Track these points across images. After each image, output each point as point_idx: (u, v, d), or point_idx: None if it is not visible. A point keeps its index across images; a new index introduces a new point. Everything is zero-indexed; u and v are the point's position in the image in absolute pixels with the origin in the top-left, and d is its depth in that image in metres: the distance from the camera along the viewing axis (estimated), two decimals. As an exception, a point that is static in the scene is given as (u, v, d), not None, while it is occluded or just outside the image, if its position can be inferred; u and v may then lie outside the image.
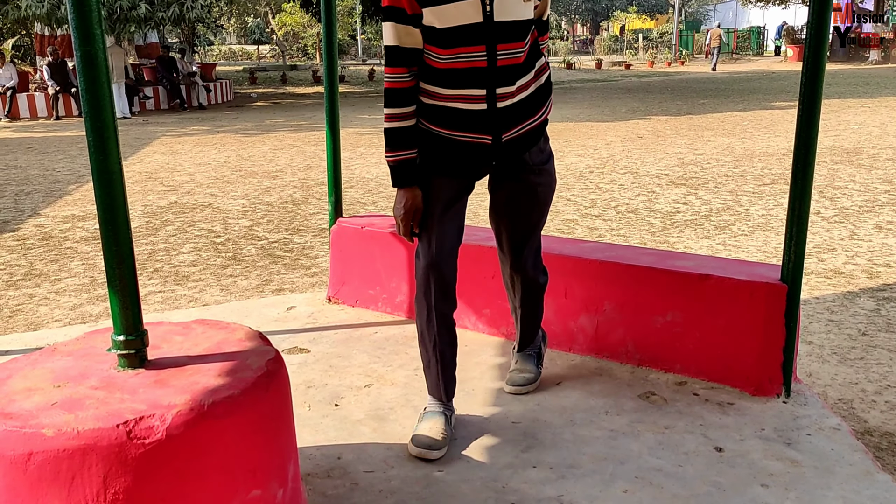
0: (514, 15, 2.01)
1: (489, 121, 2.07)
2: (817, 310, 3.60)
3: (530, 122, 2.16)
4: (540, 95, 2.19)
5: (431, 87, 2.09)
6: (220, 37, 48.04)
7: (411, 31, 2.00)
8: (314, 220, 5.79)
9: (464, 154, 2.13)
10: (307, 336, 2.93)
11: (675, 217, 5.54)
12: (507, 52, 2.02)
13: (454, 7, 1.95)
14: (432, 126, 2.13)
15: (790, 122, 11.01)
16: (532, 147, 2.20)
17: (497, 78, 2.03)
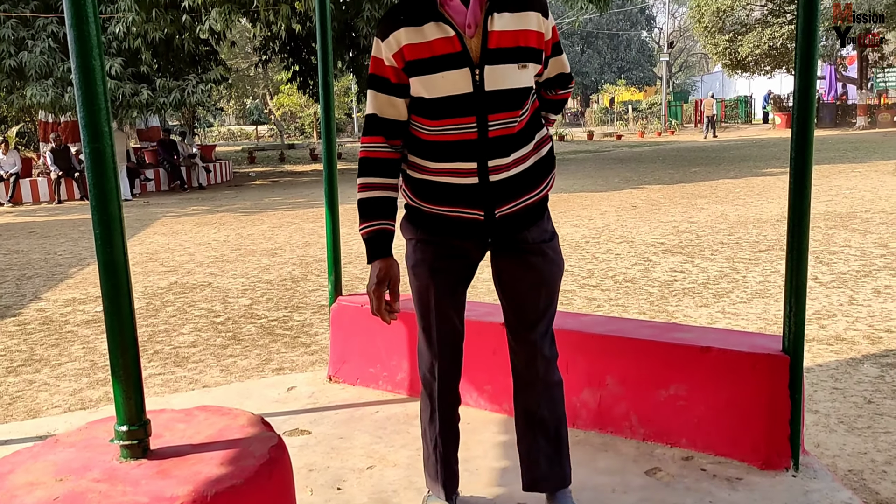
0: (507, 83, 1.89)
1: (481, 195, 1.94)
2: (821, 378, 3.58)
3: (529, 198, 2.00)
4: (540, 169, 2.03)
5: (419, 161, 1.99)
6: (220, 118, 49.08)
7: (394, 101, 1.93)
8: (313, 297, 5.80)
9: (456, 231, 2.01)
10: (308, 417, 2.91)
11: (673, 285, 5.57)
12: (500, 123, 1.90)
13: (442, 77, 1.85)
14: (422, 202, 2.02)
15: (782, 188, 11.17)
16: (531, 225, 2.04)
17: (489, 150, 1.91)
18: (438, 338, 2.07)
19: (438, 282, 2.03)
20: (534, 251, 2.06)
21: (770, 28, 28.47)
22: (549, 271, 2.09)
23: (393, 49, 1.87)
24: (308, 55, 19.58)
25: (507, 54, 1.88)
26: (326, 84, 3.18)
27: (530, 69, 1.93)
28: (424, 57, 1.85)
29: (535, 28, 1.92)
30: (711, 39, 30.70)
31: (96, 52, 1.43)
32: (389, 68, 1.89)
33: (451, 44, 1.85)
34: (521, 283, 2.09)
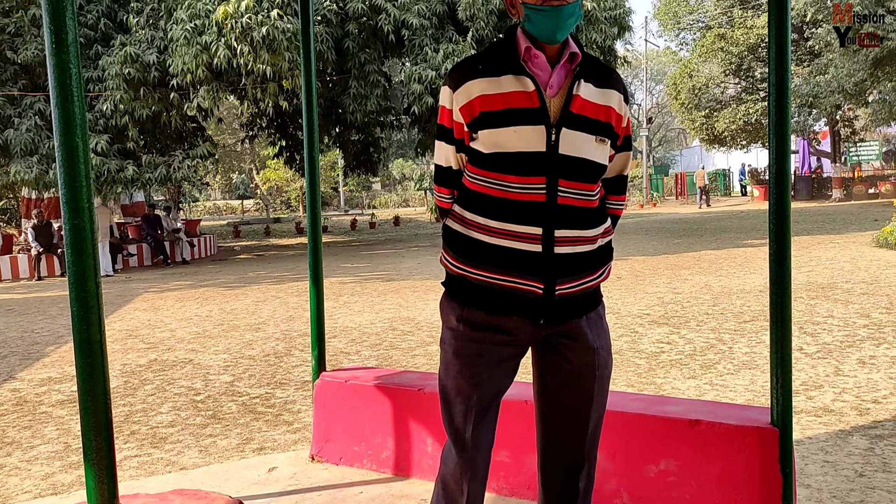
0: (582, 152, 1.78)
1: (543, 266, 1.78)
2: (811, 450, 3.53)
3: (589, 280, 1.87)
4: (603, 255, 1.90)
5: (476, 217, 1.82)
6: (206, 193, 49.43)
7: (462, 155, 1.86)
8: (297, 373, 5.71)
9: (507, 306, 1.81)
10: (289, 499, 2.81)
11: (661, 357, 5.54)
12: (571, 192, 1.79)
13: (514, 132, 1.75)
14: (471, 268, 1.83)
15: (763, 258, 11.29)
16: (589, 311, 1.89)
17: (557, 217, 1.78)
18: (475, 432, 1.86)
19: (483, 377, 1.84)
20: (592, 347, 1.88)
21: (744, 104, 29.37)
22: (604, 375, 1.91)
23: (463, 101, 1.79)
24: (294, 130, 19.93)
25: (587, 123, 1.79)
26: (312, 159, 3.21)
27: (606, 147, 1.85)
28: (498, 109, 1.76)
29: (617, 108, 1.86)
30: (689, 115, 31.60)
31: (80, 131, 1.44)
32: (456, 123, 1.82)
33: (530, 98, 1.76)
34: (572, 388, 1.89)
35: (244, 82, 14.30)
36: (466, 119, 1.80)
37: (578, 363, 1.87)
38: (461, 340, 1.85)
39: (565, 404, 1.91)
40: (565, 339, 1.87)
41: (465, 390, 1.85)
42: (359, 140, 19.87)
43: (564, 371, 1.88)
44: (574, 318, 1.86)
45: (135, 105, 14.29)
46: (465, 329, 1.84)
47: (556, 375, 1.90)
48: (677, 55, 39.73)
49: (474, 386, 1.84)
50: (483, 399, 1.86)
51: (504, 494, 2.66)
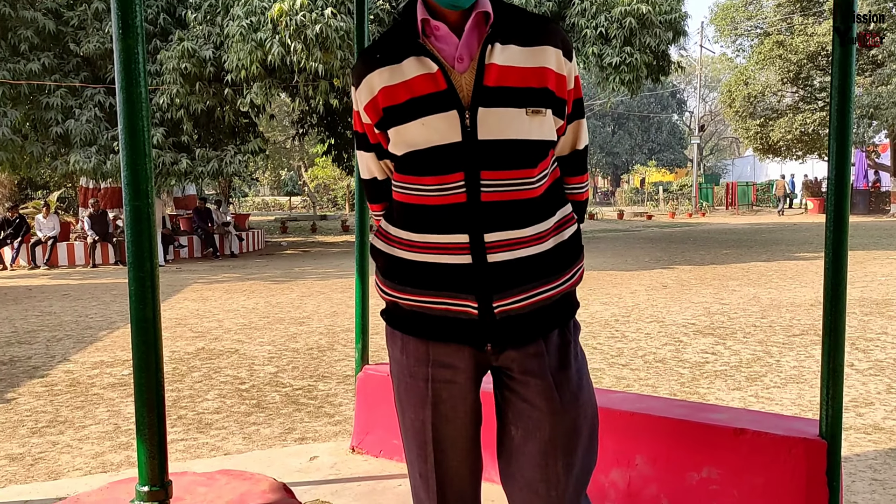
0: (508, 132, 1.46)
1: (474, 279, 1.47)
2: (859, 468, 3.44)
3: (543, 290, 1.50)
4: (560, 255, 1.54)
5: (396, 232, 1.56)
6: (255, 189, 50.29)
7: (386, 162, 1.59)
8: (339, 367, 5.77)
9: (442, 334, 1.52)
10: (329, 488, 2.85)
11: (705, 367, 5.45)
12: (498, 184, 1.46)
13: (422, 124, 1.46)
14: (397, 292, 1.55)
15: (815, 272, 11.02)
16: (545, 331, 1.52)
17: (484, 219, 1.46)
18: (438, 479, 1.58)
19: (438, 421, 1.55)
20: (544, 377, 1.51)
21: (801, 114, 28.68)
22: (567, 417, 1.51)
23: (365, 98, 1.52)
24: (343, 129, 20.12)
25: (509, 95, 1.46)
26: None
27: (546, 119, 1.50)
28: (401, 101, 1.48)
29: (555, 68, 1.50)
30: (743, 124, 30.98)
31: (143, 115, 1.48)
32: (366, 125, 1.56)
33: (435, 81, 1.46)
34: (532, 431, 1.52)
35: (296, 79, 14.51)
36: (373, 119, 1.53)
37: (531, 401, 1.51)
38: (407, 378, 1.57)
39: (525, 458, 1.53)
40: (515, 372, 1.52)
41: (420, 436, 1.57)
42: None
43: (516, 413, 1.53)
44: (527, 343, 1.51)
45: (190, 99, 14.61)
46: (409, 362, 1.56)
47: (512, 419, 1.54)
48: (733, 62, 39.02)
49: (430, 431, 1.55)
50: (443, 444, 1.55)
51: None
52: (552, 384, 1.51)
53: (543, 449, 1.51)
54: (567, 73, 1.53)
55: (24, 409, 4.77)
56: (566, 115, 1.56)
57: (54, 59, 15.04)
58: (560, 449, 1.51)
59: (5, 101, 14.46)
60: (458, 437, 1.57)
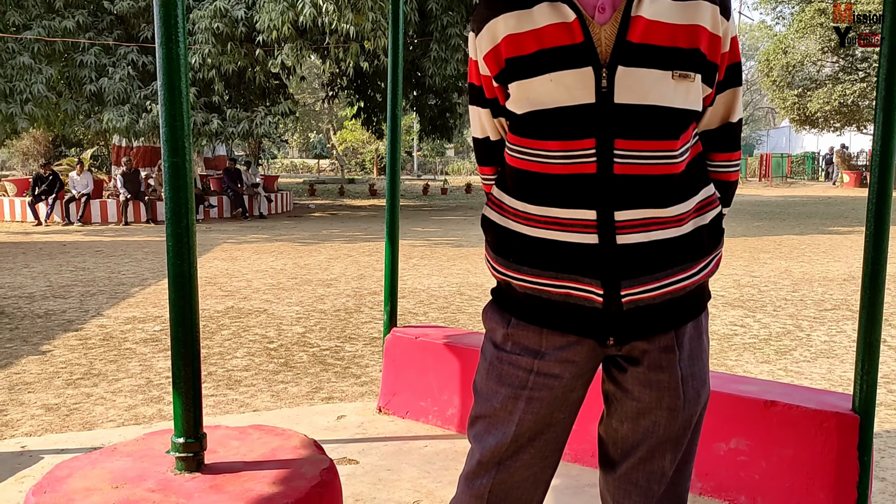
0: (650, 97, 1.28)
1: (601, 262, 1.30)
2: (889, 444, 3.40)
3: (677, 280, 1.34)
4: (700, 240, 1.37)
5: (512, 203, 1.39)
6: (284, 151, 50.47)
7: (501, 120, 1.42)
8: (366, 329, 5.82)
9: (561, 322, 1.36)
10: (356, 447, 2.89)
11: (733, 339, 5.41)
12: (635, 155, 1.29)
13: (551, 80, 1.28)
14: (512, 271, 1.38)
15: (849, 247, 10.82)
16: (681, 325, 1.39)
17: (616, 194, 1.29)
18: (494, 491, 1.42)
19: (528, 416, 1.39)
20: (673, 373, 1.38)
21: (841, 85, 27.96)
22: (686, 414, 1.41)
23: (486, 46, 1.35)
24: (373, 92, 20.05)
25: (655, 54, 1.28)
26: (395, 117, 3.23)
27: (694, 85, 1.32)
28: (529, 52, 1.30)
29: (709, 27, 1.31)
30: (780, 94, 30.28)
31: (182, 71, 1.48)
32: (484, 77, 1.40)
33: (570, 32, 1.28)
34: (655, 424, 1.41)
35: (327, 41, 14.44)
36: (493, 70, 1.36)
37: (651, 399, 1.39)
38: (506, 366, 1.40)
39: (630, 452, 1.44)
40: (642, 365, 1.39)
41: (501, 426, 1.41)
42: (436, 105, 19.86)
43: (630, 409, 1.42)
44: (655, 335, 1.37)
45: (222, 60, 14.62)
46: (512, 351, 1.40)
47: (620, 413, 1.44)
48: (772, 30, 38.02)
49: (514, 425, 1.40)
50: (521, 441, 1.41)
51: (567, 460, 2.67)
52: (679, 381, 1.38)
53: (654, 445, 1.42)
54: (723, 33, 1.33)
55: (60, 362, 4.88)
56: (717, 83, 1.37)
57: (88, 17, 15.11)
58: (671, 444, 1.42)
59: (40, 58, 14.59)
60: (545, 439, 1.42)
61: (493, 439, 1.39)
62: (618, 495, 1.47)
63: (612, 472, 1.48)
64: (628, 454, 1.44)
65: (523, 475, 1.41)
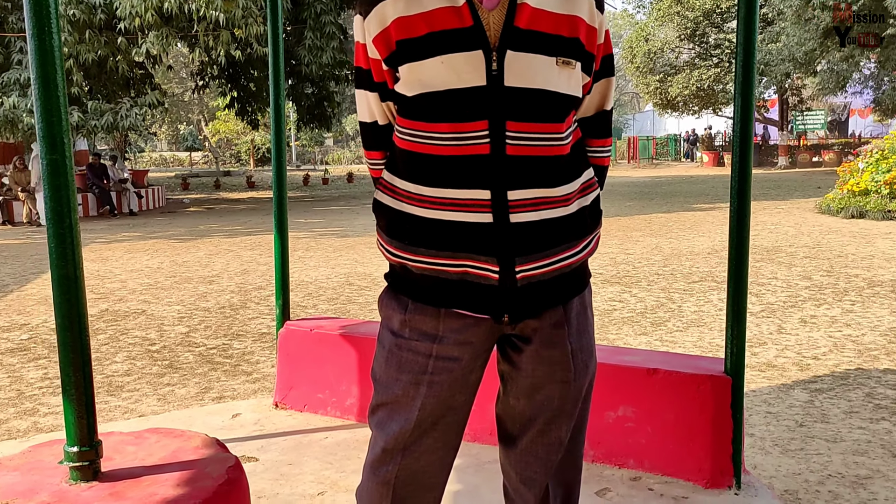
0: (538, 81, 1.33)
1: (497, 241, 1.34)
2: (755, 402, 3.70)
3: (567, 256, 1.41)
4: (584, 219, 1.45)
5: (406, 186, 1.40)
6: (152, 144, 48.13)
7: (389, 104, 1.43)
8: (254, 325, 5.70)
9: (458, 300, 1.39)
10: (255, 444, 2.84)
11: (613, 314, 5.69)
12: (526, 137, 1.33)
13: (442, 62, 1.31)
14: (408, 253, 1.40)
15: (711, 223, 11.58)
16: (569, 299, 1.46)
17: (509, 174, 1.33)
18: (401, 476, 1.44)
19: (430, 400, 1.41)
20: (563, 347, 1.45)
21: (697, 70, 29.72)
22: (577, 385, 1.49)
23: (375, 29, 1.36)
24: (247, 82, 19.45)
25: (540, 40, 1.33)
26: (278, 107, 3.18)
27: (575, 72, 1.38)
28: (419, 35, 1.32)
29: (587, 19, 1.39)
30: (643, 79, 31.84)
31: (58, 64, 1.41)
32: (373, 60, 1.39)
33: (459, 16, 1.31)
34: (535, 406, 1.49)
35: (196, 29, 13.87)
36: (383, 53, 1.36)
37: (545, 374, 1.46)
38: (405, 352, 1.42)
39: (528, 426, 1.51)
40: (534, 343, 1.44)
41: (404, 412, 1.42)
42: (312, 93, 19.53)
43: (525, 385, 1.48)
44: (546, 310, 1.43)
45: (80, 48, 13.74)
46: (410, 337, 1.42)
47: (516, 390, 1.50)
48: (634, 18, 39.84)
49: (417, 410, 1.41)
50: (424, 425, 1.42)
51: (467, 440, 2.74)
52: (569, 355, 1.45)
53: (549, 418, 1.49)
54: (598, 25, 1.42)
55: (-85, 379, 4.49)
56: (593, 72, 1.45)
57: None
58: (565, 415, 1.50)
59: None
60: (447, 422, 1.44)
61: (397, 426, 1.41)
62: (519, 467, 1.55)
63: (513, 447, 1.55)
64: (526, 428, 1.51)
65: (429, 459, 1.44)
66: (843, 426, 3.35)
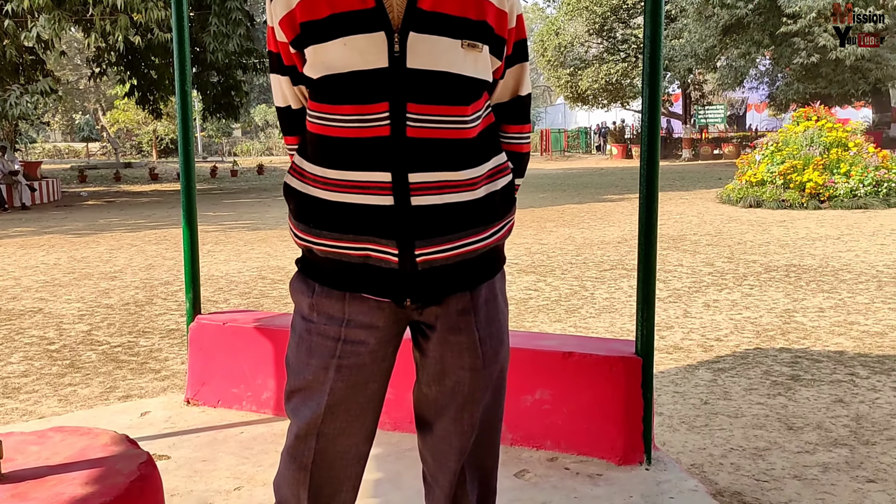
0: (441, 63, 1.32)
1: (396, 223, 1.34)
2: (663, 383, 3.84)
3: (471, 241, 1.40)
4: (492, 205, 1.44)
5: (310, 168, 1.40)
6: (44, 134, 45.66)
7: (302, 88, 1.41)
8: (161, 322, 5.50)
9: (360, 284, 1.38)
10: (166, 442, 2.75)
11: (529, 303, 5.79)
12: (427, 119, 1.33)
13: (344, 44, 1.30)
14: (312, 236, 1.40)
15: (621, 213, 11.95)
16: (476, 286, 1.45)
17: (410, 156, 1.33)
18: (317, 461, 1.43)
19: (341, 384, 1.41)
20: (469, 334, 1.45)
21: (606, 65, 30.54)
22: (487, 373, 1.49)
23: (281, 11, 1.35)
24: (147, 69, 18.72)
25: (445, 22, 1.33)
26: (185, 94, 3.06)
27: (482, 56, 1.38)
28: (322, 16, 1.32)
29: (496, 2, 1.39)
30: (554, 73, 32.50)
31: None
32: (280, 43, 1.39)
33: None
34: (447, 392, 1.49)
35: (91, 13, 13.22)
36: (289, 36, 1.36)
37: (453, 360, 1.46)
38: (315, 336, 1.42)
39: (442, 413, 1.51)
40: (439, 329, 1.44)
41: (315, 397, 1.42)
42: (219, 82, 18.98)
43: (434, 372, 1.48)
44: (450, 295, 1.42)
45: (-36, 31, 12.89)
46: (318, 321, 1.42)
47: (427, 376, 1.50)
48: (544, 12, 40.56)
49: (327, 395, 1.41)
50: (337, 410, 1.42)
51: (387, 429, 2.73)
52: (477, 342, 1.45)
53: (461, 405, 1.49)
54: (508, 9, 1.41)
55: None
56: (505, 57, 1.45)
57: None
58: (476, 403, 1.50)
59: None
60: (359, 407, 1.44)
61: (309, 411, 1.41)
62: (436, 453, 1.56)
63: (429, 433, 1.56)
64: (440, 414, 1.51)
65: (343, 444, 1.44)
66: (744, 402, 3.53)
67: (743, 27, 23.41)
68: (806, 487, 2.64)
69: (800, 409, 3.43)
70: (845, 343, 4.45)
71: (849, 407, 3.42)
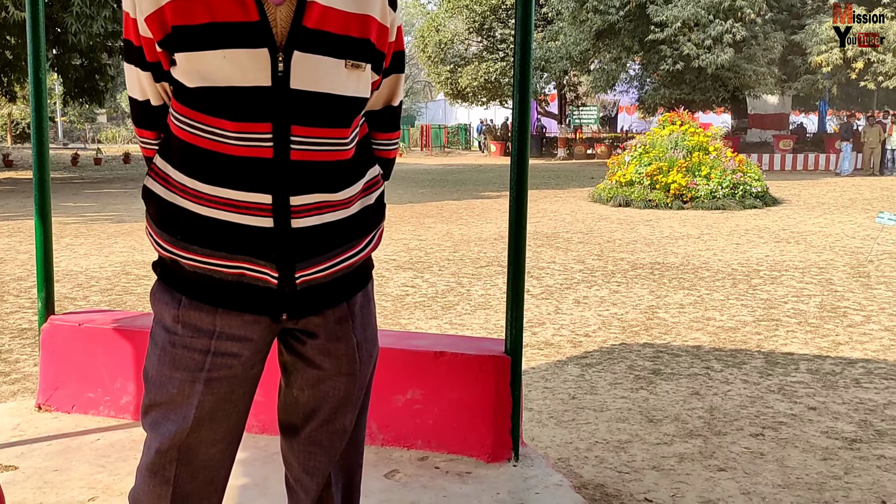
0: (324, 84, 1.30)
1: (277, 246, 1.32)
2: (534, 379, 3.97)
3: (347, 257, 1.41)
4: (365, 218, 1.45)
5: (183, 179, 1.33)
6: None
7: (164, 84, 1.34)
8: (12, 321, 5.12)
9: (234, 302, 1.35)
10: (13, 451, 2.56)
11: (405, 299, 5.82)
12: (310, 142, 1.31)
13: (223, 56, 1.24)
14: (180, 250, 1.34)
15: (498, 210, 12.20)
16: (352, 296, 1.47)
17: (292, 179, 1.30)
18: (180, 474, 1.40)
19: (207, 398, 1.36)
20: (348, 341, 1.46)
21: (485, 63, 31.09)
22: (362, 375, 1.52)
23: (148, 8, 1.26)
24: (2, 49, 17.34)
25: (329, 42, 1.30)
26: (39, 80, 2.86)
27: (364, 74, 1.37)
28: (199, 22, 1.24)
29: (378, 17, 1.37)
30: (435, 69, 32.75)
31: None
32: (144, 39, 1.29)
33: (244, 8, 1.24)
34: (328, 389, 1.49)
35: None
36: (157, 35, 1.27)
37: (331, 366, 1.47)
38: (180, 349, 1.36)
39: (312, 416, 1.51)
40: (320, 338, 1.44)
41: (181, 410, 1.37)
42: (82, 65, 17.87)
43: (310, 377, 1.48)
44: (328, 308, 1.43)
45: None
46: (184, 334, 1.36)
47: (300, 381, 1.50)
48: (425, 8, 40.76)
49: (195, 407, 1.36)
50: (203, 420, 1.38)
51: (255, 432, 2.67)
52: (355, 348, 1.47)
53: (334, 407, 1.50)
54: (390, 23, 1.41)
55: None
56: (384, 70, 1.44)
57: None
58: (350, 405, 1.52)
59: None
60: (227, 416, 1.40)
61: (174, 425, 1.36)
62: (302, 457, 1.55)
63: (296, 437, 1.55)
64: (310, 418, 1.51)
65: (209, 453, 1.39)
66: (609, 396, 3.70)
67: (615, 33, 24.50)
68: (663, 477, 2.80)
69: (660, 402, 3.63)
70: (702, 338, 4.75)
71: (703, 399, 3.66)
